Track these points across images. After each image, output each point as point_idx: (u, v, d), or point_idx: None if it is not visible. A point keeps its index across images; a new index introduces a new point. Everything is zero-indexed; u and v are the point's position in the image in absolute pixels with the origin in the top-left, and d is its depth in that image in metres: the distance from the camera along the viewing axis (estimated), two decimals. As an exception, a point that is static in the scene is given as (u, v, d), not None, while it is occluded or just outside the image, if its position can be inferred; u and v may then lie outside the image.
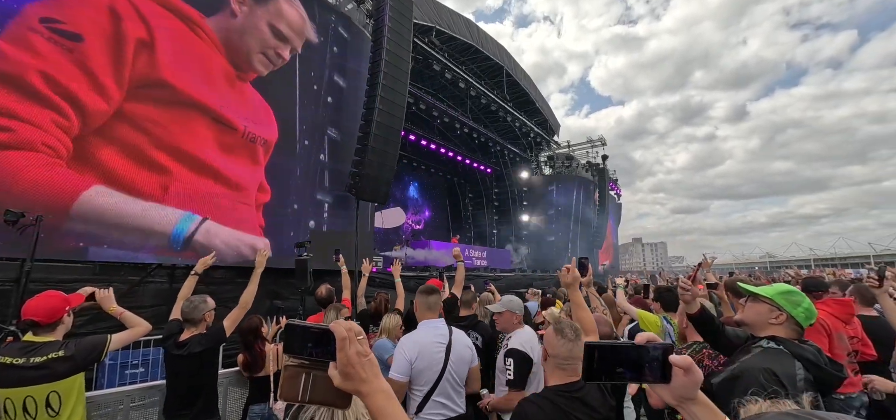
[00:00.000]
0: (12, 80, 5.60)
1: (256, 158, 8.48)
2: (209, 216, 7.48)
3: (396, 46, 10.68)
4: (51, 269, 5.71)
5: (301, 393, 0.78)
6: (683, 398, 0.84)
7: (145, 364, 4.81)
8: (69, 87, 5.99)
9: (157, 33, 6.90)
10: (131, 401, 2.93)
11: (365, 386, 0.77)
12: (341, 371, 0.76)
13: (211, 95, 7.61)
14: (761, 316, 1.79)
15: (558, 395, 1.76)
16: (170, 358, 2.72)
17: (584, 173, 26.03)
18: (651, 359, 0.82)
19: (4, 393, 2.16)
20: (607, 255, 29.91)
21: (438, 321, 2.66)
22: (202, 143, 7.48)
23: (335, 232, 10.30)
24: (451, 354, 2.48)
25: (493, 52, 19.32)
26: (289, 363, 0.80)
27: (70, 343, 2.40)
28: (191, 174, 7.30)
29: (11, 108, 5.58)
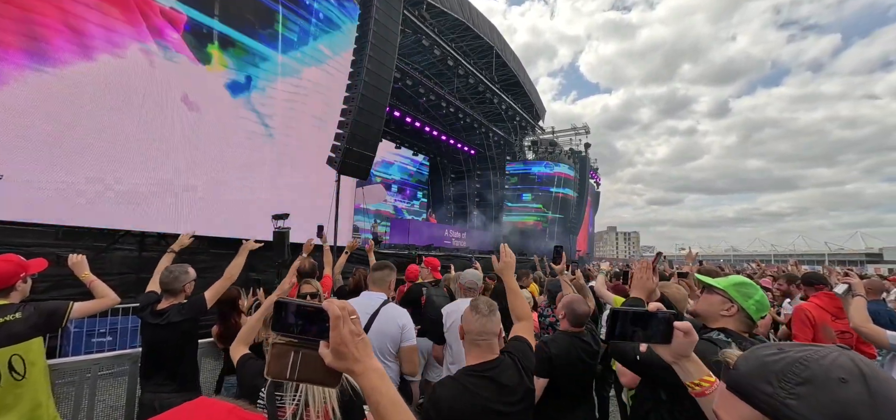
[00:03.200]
0: None
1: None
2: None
3: (386, 18, 10.38)
4: (10, 231, 5.40)
5: (289, 371, 0.77)
6: (680, 355, 1.10)
7: (113, 333, 4.65)
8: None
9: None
10: (99, 369, 2.83)
11: (358, 365, 0.77)
12: (334, 350, 0.76)
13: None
14: (713, 307, 1.78)
15: (468, 376, 1.72)
16: (147, 327, 2.62)
17: (566, 160, 26.34)
18: (659, 322, 1.06)
19: None
20: (583, 242, 30.65)
21: (375, 294, 2.75)
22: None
23: (315, 206, 10.11)
24: (374, 323, 2.57)
25: (484, 31, 18.98)
26: (276, 341, 0.78)
27: (28, 306, 2.29)
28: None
29: None
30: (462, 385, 1.70)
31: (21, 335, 2.19)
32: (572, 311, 2.70)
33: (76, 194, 5.99)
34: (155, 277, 2.87)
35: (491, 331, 1.78)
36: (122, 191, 6.43)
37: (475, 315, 1.79)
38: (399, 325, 2.62)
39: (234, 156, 8.34)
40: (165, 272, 2.72)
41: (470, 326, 1.79)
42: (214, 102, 7.95)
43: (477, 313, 1.79)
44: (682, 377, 1.11)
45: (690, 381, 1.10)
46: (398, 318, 2.65)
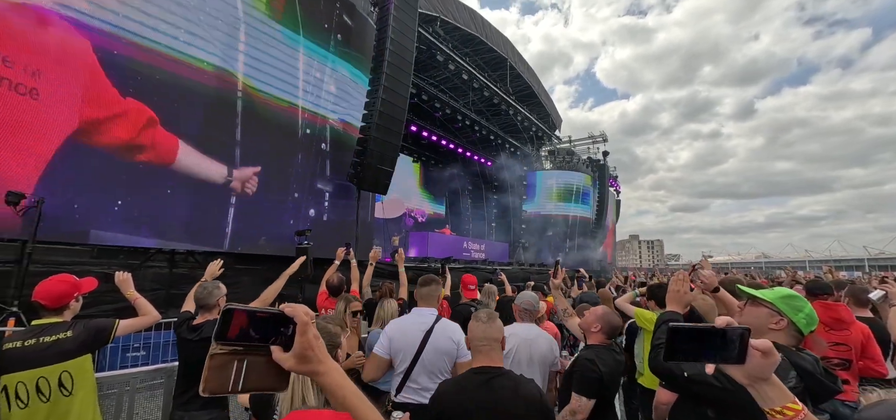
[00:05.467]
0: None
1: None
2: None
3: (401, 35, 10.60)
4: (51, 250, 5.71)
5: (232, 383, 0.73)
6: (757, 378, 0.93)
7: (147, 348, 4.83)
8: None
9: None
10: (138, 383, 2.96)
11: (321, 366, 0.79)
12: (300, 354, 0.76)
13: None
14: (760, 320, 1.73)
15: (473, 375, 1.87)
16: (183, 342, 2.73)
17: (584, 169, 26.05)
18: (729, 341, 0.90)
19: (16, 377, 2.17)
20: (606, 252, 30.05)
21: (428, 310, 2.72)
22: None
23: (336, 221, 10.31)
24: (429, 340, 2.53)
25: (497, 43, 19.17)
26: (216, 351, 0.74)
27: (78, 324, 2.42)
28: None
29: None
30: (460, 385, 1.85)
31: (71, 352, 2.32)
32: (609, 323, 2.65)
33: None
34: (188, 299, 2.99)
35: (492, 336, 1.93)
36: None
37: (477, 323, 1.98)
38: (454, 340, 2.57)
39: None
40: (199, 289, 2.83)
41: (473, 333, 1.97)
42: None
43: (477, 321, 1.99)
44: (759, 403, 0.96)
45: (771, 408, 0.94)
46: (453, 333, 2.61)
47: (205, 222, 7.46)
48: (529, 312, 3.32)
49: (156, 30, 6.99)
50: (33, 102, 5.54)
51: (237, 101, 8.22)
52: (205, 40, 7.73)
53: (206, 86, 7.71)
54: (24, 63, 5.48)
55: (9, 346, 2.24)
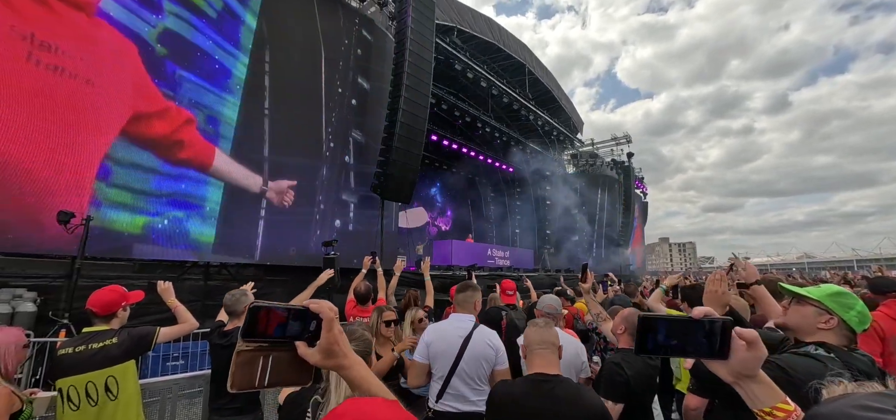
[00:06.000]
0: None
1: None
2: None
3: (419, 47, 10.76)
4: (97, 266, 6.05)
5: (259, 378, 0.75)
6: (743, 375, 0.83)
7: (185, 357, 5.03)
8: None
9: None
10: (179, 389, 3.07)
11: (346, 360, 0.81)
12: (326, 349, 0.78)
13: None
14: (808, 320, 1.63)
15: (531, 381, 1.82)
16: (214, 349, 2.81)
17: (608, 171, 25.47)
18: (707, 333, 0.81)
19: (68, 381, 2.30)
20: (639, 255, 29.16)
21: (466, 316, 2.69)
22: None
23: (361, 231, 10.47)
24: (467, 346, 2.49)
25: (514, 50, 19.17)
26: (242, 348, 0.76)
27: (123, 331, 2.54)
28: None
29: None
30: (518, 390, 1.81)
31: (117, 358, 2.43)
32: (633, 324, 2.51)
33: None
34: (223, 309, 3.08)
35: (549, 340, 1.88)
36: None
37: (534, 328, 1.98)
38: (493, 347, 2.53)
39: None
40: (228, 296, 2.92)
41: (530, 338, 1.94)
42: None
43: (535, 326, 1.99)
44: (748, 403, 0.88)
45: (761, 409, 0.86)
46: (491, 340, 2.57)
47: (236, 236, 7.74)
48: (553, 316, 3.25)
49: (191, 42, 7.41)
50: (89, 89, 6.09)
51: (264, 118, 8.54)
52: (234, 59, 8.10)
53: (236, 100, 8.07)
54: (80, 54, 6.07)
55: (62, 352, 2.38)
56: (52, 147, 5.82)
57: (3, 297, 5.07)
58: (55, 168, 5.82)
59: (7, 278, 5.34)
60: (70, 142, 5.97)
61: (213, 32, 7.78)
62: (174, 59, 7.19)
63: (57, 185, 5.78)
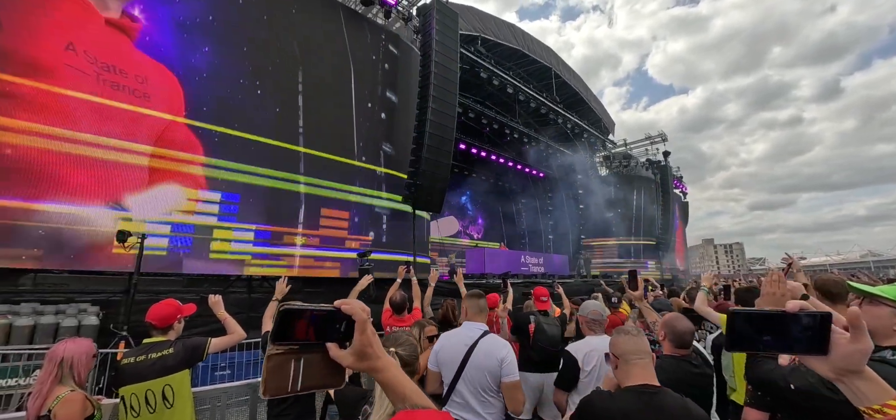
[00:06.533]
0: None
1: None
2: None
3: (444, 58, 10.89)
4: (150, 281, 6.45)
5: (291, 382, 0.74)
6: (847, 371, 0.77)
7: (232, 367, 5.24)
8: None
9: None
10: (227, 397, 3.18)
11: (380, 362, 0.80)
12: (360, 351, 0.76)
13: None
14: (881, 322, 1.49)
15: (633, 393, 1.65)
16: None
17: (643, 172, 24.52)
18: (804, 327, 0.76)
19: (130, 389, 2.45)
20: (681, 259, 27.77)
21: (476, 325, 2.64)
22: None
23: (394, 242, 10.61)
24: (472, 355, 2.43)
25: (539, 54, 19.01)
26: (272, 352, 0.75)
27: (178, 342, 2.68)
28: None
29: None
30: (620, 402, 1.66)
31: (173, 368, 2.56)
32: (672, 329, 2.35)
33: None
34: (266, 319, 3.18)
35: (645, 350, 1.76)
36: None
37: (625, 336, 1.82)
38: (498, 358, 2.42)
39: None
40: (273, 307, 3.01)
41: (624, 347, 1.79)
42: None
43: (625, 334, 1.83)
44: (854, 401, 0.81)
45: (867, 407, 0.80)
46: (497, 350, 2.47)
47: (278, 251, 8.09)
48: (598, 322, 3.10)
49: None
50: (147, 103, 6.86)
51: (299, 136, 8.90)
52: (272, 79, 8.54)
53: (266, 124, 8.47)
54: (134, 73, 6.83)
55: (125, 362, 2.54)
56: (109, 165, 6.38)
57: (70, 311, 5.52)
58: (113, 186, 6.35)
59: (72, 294, 5.82)
60: (125, 161, 6.51)
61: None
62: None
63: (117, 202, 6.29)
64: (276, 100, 8.70)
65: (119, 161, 6.55)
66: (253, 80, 8.41)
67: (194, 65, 7.61)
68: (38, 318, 5.25)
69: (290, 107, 8.90)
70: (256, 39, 8.58)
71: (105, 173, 6.40)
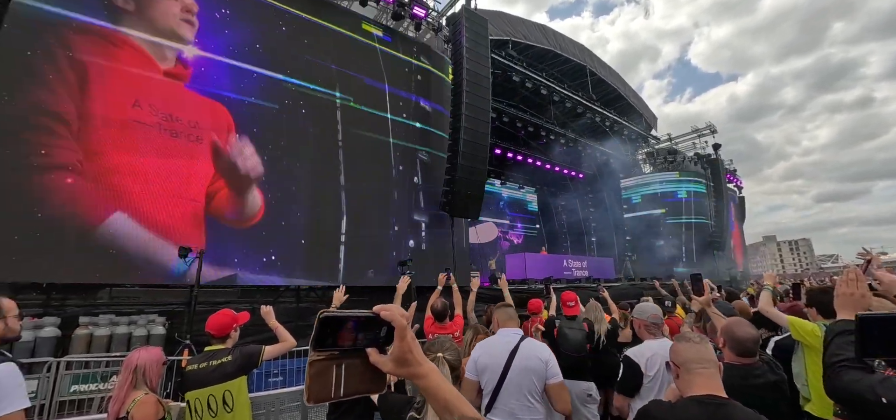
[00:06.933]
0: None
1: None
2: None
3: (475, 65, 10.92)
4: (208, 292, 6.89)
5: (334, 388, 0.74)
6: None
7: (283, 373, 5.47)
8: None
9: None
10: (281, 403, 3.30)
11: (420, 368, 0.79)
12: (400, 357, 0.77)
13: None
14: None
15: (690, 404, 1.53)
16: None
17: (692, 167, 23.11)
18: None
19: (195, 394, 2.61)
20: (739, 257, 25.84)
21: (511, 330, 2.62)
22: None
23: (433, 249, 10.68)
24: (515, 359, 2.38)
25: (572, 52, 18.57)
26: (314, 359, 0.75)
27: (235, 350, 2.81)
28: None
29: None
30: (679, 414, 1.55)
31: (231, 374, 2.70)
32: (732, 335, 2.15)
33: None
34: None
35: (709, 358, 1.62)
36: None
37: (686, 343, 1.70)
38: (542, 359, 2.43)
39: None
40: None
41: (684, 355, 1.66)
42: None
43: (687, 342, 1.70)
44: None
45: None
46: (540, 352, 2.49)
47: (321, 261, 8.39)
48: (657, 325, 2.93)
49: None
50: (198, 146, 7.48)
51: (339, 150, 9.25)
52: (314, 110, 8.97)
53: (309, 140, 8.86)
54: (186, 117, 7.43)
55: (189, 369, 2.71)
56: (171, 193, 6.93)
57: (141, 322, 6.03)
58: (175, 212, 6.89)
59: (142, 306, 6.37)
60: (183, 190, 7.06)
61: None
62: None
63: (177, 224, 6.82)
64: (316, 117, 9.12)
65: (181, 193, 7.15)
66: (296, 100, 8.89)
67: (245, 89, 8.18)
68: (114, 329, 5.77)
69: (328, 124, 9.28)
70: (299, 61, 9.08)
71: (169, 205, 7.03)
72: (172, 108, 7.33)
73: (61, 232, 6.10)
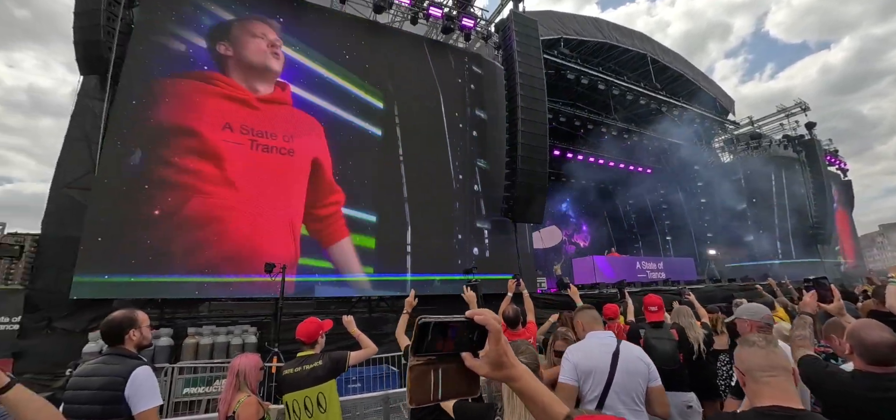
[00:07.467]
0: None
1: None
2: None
3: (528, 68, 10.75)
4: (289, 304, 7.42)
5: (433, 391, 0.77)
6: None
7: (361, 380, 5.69)
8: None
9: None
10: (365, 407, 3.42)
11: (515, 370, 0.81)
12: (495, 361, 0.78)
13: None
14: None
15: (757, 417, 1.41)
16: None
17: (782, 151, 20.49)
18: None
19: (292, 396, 2.81)
20: (849, 250, 22.37)
21: (604, 332, 2.54)
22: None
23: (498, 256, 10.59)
24: (618, 362, 2.28)
25: (629, 42, 17.54)
26: (414, 363, 0.78)
27: (324, 355, 2.98)
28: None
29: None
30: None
31: (322, 378, 2.86)
32: (860, 340, 1.82)
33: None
34: (400, 338, 3.33)
35: (780, 364, 1.47)
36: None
37: (751, 349, 1.55)
38: (645, 362, 2.36)
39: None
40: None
41: (749, 361, 1.52)
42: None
43: (752, 346, 1.55)
44: None
45: None
46: (640, 354, 2.42)
47: (389, 272, 8.73)
48: (770, 326, 2.62)
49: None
50: (290, 159, 8.34)
51: (400, 164, 9.59)
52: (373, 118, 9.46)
53: (374, 157, 9.29)
54: (282, 132, 8.36)
55: (286, 373, 2.91)
56: (260, 211, 7.70)
57: (236, 331, 6.69)
58: (265, 228, 7.63)
59: (236, 318, 7.05)
60: (274, 206, 7.80)
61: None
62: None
63: (265, 240, 7.54)
64: (380, 134, 9.60)
65: (273, 209, 7.93)
66: (364, 118, 9.55)
67: (328, 115, 9.03)
68: (215, 338, 6.45)
69: (390, 140, 9.70)
70: (363, 83, 9.75)
71: (257, 221, 7.78)
72: (266, 125, 8.32)
73: (169, 255, 7.01)
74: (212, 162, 7.71)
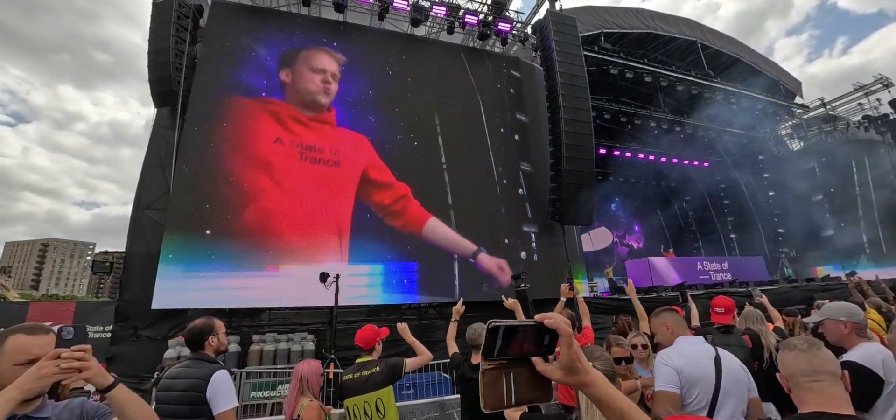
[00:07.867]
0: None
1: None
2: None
3: (568, 66, 10.49)
4: (344, 312, 7.69)
5: (506, 396, 0.76)
6: None
7: (414, 387, 5.74)
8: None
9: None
10: (421, 412, 3.45)
11: (588, 376, 0.80)
12: (568, 366, 0.77)
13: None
14: None
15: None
16: (465, 380, 3.01)
17: (862, 133, 18.30)
18: None
19: (353, 401, 2.90)
20: None
21: (696, 338, 2.36)
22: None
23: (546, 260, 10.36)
24: (722, 368, 2.10)
25: (676, 29, 16.56)
26: (486, 367, 0.77)
27: (381, 361, 3.04)
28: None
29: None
30: None
31: (380, 384, 2.93)
32: None
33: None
34: (450, 344, 3.33)
35: (825, 369, 1.41)
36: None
37: (793, 353, 1.49)
38: (744, 370, 2.18)
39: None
40: (470, 330, 3.11)
41: (791, 367, 1.46)
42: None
43: (793, 350, 1.49)
44: None
45: None
46: (737, 362, 2.23)
47: (437, 279, 8.79)
48: (865, 327, 2.34)
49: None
50: (337, 170, 8.75)
51: (443, 171, 9.69)
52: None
53: (418, 166, 9.44)
54: (329, 147, 8.91)
55: (346, 378, 3.01)
56: (314, 222, 8.12)
57: (295, 338, 7.05)
58: (318, 238, 8.03)
59: (294, 326, 7.42)
60: (325, 216, 8.20)
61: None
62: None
63: (319, 251, 7.90)
64: (421, 145, 9.83)
65: (325, 215, 8.36)
66: (408, 133, 9.77)
67: (374, 129, 9.43)
68: (277, 345, 6.84)
69: (432, 150, 9.85)
70: (404, 99, 10.00)
71: (314, 231, 8.22)
72: (315, 140, 8.89)
73: (231, 269, 7.55)
74: (266, 174, 8.31)
